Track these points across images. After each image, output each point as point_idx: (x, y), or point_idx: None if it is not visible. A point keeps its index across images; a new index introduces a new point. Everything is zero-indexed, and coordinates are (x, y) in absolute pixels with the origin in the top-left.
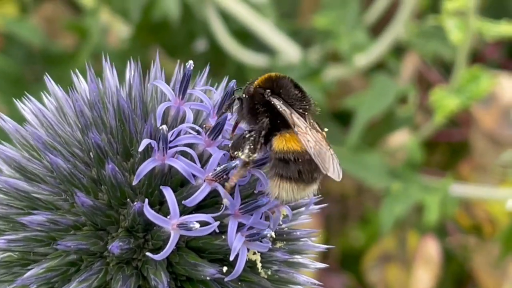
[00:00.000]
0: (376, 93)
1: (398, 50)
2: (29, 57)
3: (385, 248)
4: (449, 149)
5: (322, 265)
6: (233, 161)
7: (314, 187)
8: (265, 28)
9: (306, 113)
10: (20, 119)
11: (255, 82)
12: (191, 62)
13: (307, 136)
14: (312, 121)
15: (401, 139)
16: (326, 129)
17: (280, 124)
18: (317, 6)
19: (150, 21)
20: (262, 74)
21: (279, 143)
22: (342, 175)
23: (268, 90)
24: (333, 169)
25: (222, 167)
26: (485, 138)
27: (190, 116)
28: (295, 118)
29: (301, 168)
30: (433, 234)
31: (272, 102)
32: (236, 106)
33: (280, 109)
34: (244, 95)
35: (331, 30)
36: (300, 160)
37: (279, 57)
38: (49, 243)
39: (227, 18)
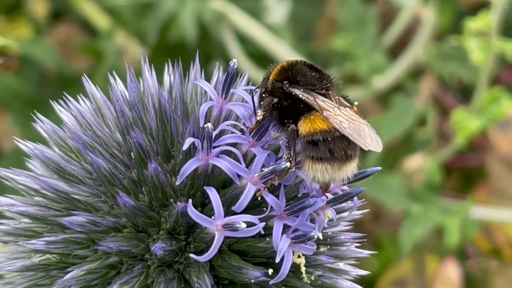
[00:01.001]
0: (395, 115)
1: (416, 73)
2: (43, 79)
3: (401, 272)
4: (462, 175)
5: (364, 272)
6: (282, 162)
7: (353, 165)
8: (282, 50)
9: (330, 91)
10: (38, 140)
11: (270, 77)
12: (235, 60)
13: (338, 118)
14: (338, 96)
15: (417, 163)
16: (356, 103)
17: (303, 108)
18: (333, 28)
19: (167, 42)
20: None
21: (305, 126)
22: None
23: (286, 82)
24: (371, 140)
25: (270, 168)
26: (502, 163)
27: (239, 113)
28: (320, 102)
29: (331, 146)
30: (453, 257)
31: (293, 93)
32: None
33: (303, 97)
34: (263, 93)
35: (349, 52)
36: (329, 138)
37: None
38: (89, 245)
39: (244, 40)
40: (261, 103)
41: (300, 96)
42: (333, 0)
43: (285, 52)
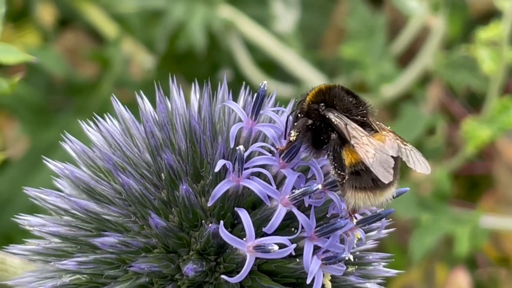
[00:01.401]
0: (405, 124)
1: (425, 81)
2: (50, 86)
3: (409, 280)
4: (468, 182)
5: None
6: (314, 184)
7: (392, 190)
8: (290, 58)
9: (366, 118)
10: (47, 147)
11: (307, 99)
12: (265, 82)
13: (365, 147)
14: (378, 122)
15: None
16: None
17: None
18: (341, 37)
19: (175, 51)
20: (286, 104)
21: (348, 157)
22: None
23: (322, 104)
24: (419, 164)
25: (301, 190)
26: (509, 170)
27: (270, 134)
28: (350, 129)
29: (374, 175)
30: (462, 266)
31: (327, 116)
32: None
33: (335, 122)
34: (299, 114)
35: (357, 60)
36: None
37: (305, 88)
38: (119, 265)
39: (252, 49)
40: (295, 124)
41: (332, 120)
42: (341, 9)
43: (293, 61)
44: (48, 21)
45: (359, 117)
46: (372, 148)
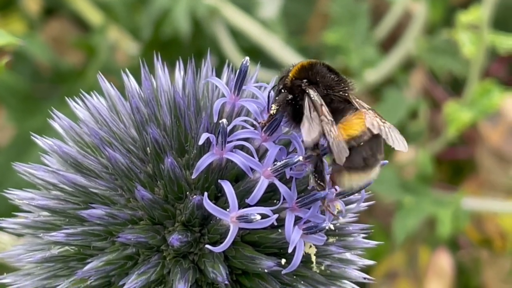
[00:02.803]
0: (387, 108)
1: (408, 66)
2: (36, 74)
3: (393, 265)
4: (452, 167)
5: (370, 262)
6: (295, 156)
7: (378, 168)
8: (275, 44)
9: (347, 95)
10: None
11: (290, 75)
12: (247, 58)
13: (327, 126)
14: (358, 100)
15: (407, 155)
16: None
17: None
18: (325, 23)
19: (160, 38)
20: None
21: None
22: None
23: (305, 80)
24: (397, 143)
25: (283, 162)
26: (492, 155)
27: (252, 109)
28: (324, 109)
29: (364, 154)
30: (445, 247)
31: (307, 91)
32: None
33: (313, 98)
34: (282, 89)
35: (340, 46)
36: (361, 143)
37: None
38: (106, 237)
39: (237, 35)
40: (276, 98)
41: (311, 96)
42: None
43: (277, 47)
44: (34, 10)
45: (341, 93)
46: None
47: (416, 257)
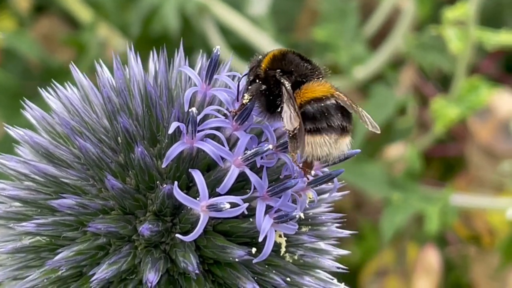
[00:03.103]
0: (375, 104)
1: (397, 63)
2: (26, 72)
3: (383, 262)
4: (442, 164)
5: (345, 252)
6: (265, 145)
7: (347, 139)
8: (264, 41)
9: (321, 79)
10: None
11: (263, 65)
12: (218, 47)
13: (288, 114)
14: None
15: (397, 151)
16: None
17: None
18: (314, 19)
19: (149, 34)
20: None
21: (298, 99)
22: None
23: (279, 70)
24: (370, 125)
25: (253, 150)
26: (481, 152)
27: (223, 98)
28: (290, 105)
29: (327, 115)
30: (433, 244)
31: (282, 81)
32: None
33: (285, 90)
34: (256, 80)
35: (329, 42)
36: (322, 105)
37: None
38: (78, 227)
39: (226, 32)
40: (249, 87)
41: (286, 86)
42: None
43: (267, 43)
44: (24, 7)
45: (315, 79)
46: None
47: (405, 253)
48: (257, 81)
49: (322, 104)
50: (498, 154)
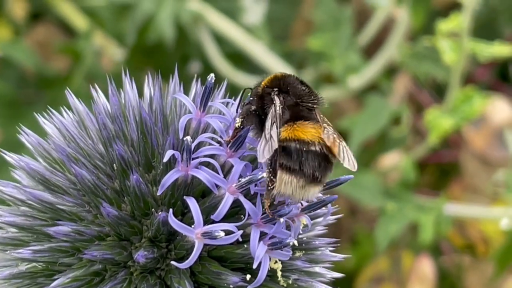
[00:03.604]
0: (370, 114)
1: (391, 72)
2: (22, 80)
3: (378, 269)
4: (437, 171)
5: (339, 275)
6: (259, 173)
7: (316, 189)
8: (259, 50)
9: (315, 108)
10: (19, 140)
11: (262, 83)
12: (212, 75)
13: (273, 131)
14: (321, 115)
15: (392, 160)
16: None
17: (292, 119)
18: (308, 28)
19: (144, 43)
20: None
21: (286, 131)
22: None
23: (276, 89)
24: (348, 160)
25: (247, 178)
26: (476, 159)
27: (216, 126)
28: (278, 117)
29: (303, 160)
30: (427, 253)
31: (273, 100)
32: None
33: (274, 107)
34: (252, 98)
35: (324, 52)
36: (304, 149)
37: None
38: (74, 253)
39: (221, 41)
40: (240, 111)
41: (276, 103)
42: (309, 1)
43: (261, 52)
44: (19, 15)
45: (309, 104)
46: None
47: (399, 262)
48: (254, 98)
49: (305, 149)
50: (492, 162)
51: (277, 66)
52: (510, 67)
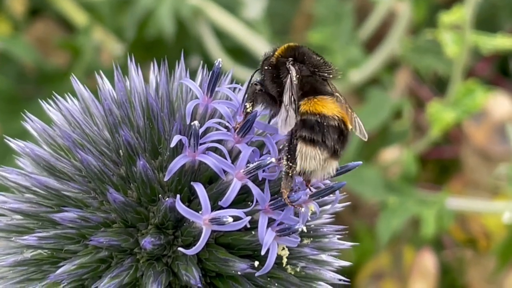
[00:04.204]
0: (372, 108)
1: (392, 65)
2: (21, 75)
3: (379, 265)
4: (438, 166)
5: (346, 263)
6: (267, 158)
7: (335, 163)
8: (259, 44)
9: (329, 78)
10: (18, 136)
11: (276, 53)
12: (219, 60)
13: (287, 106)
14: (334, 86)
15: (393, 155)
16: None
17: (307, 92)
18: (309, 22)
19: (144, 38)
20: None
21: (306, 105)
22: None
23: (291, 58)
24: (359, 131)
25: (255, 163)
26: (477, 154)
27: (223, 111)
28: (291, 93)
29: (325, 132)
30: (429, 247)
31: (289, 70)
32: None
33: (290, 77)
34: (266, 67)
35: (325, 46)
36: (325, 123)
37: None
38: (79, 240)
39: (221, 35)
40: (247, 95)
41: (290, 75)
42: None
43: (262, 47)
44: (18, 11)
45: (325, 74)
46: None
47: (401, 257)
48: (268, 67)
49: (325, 122)
50: (493, 156)
51: None
52: (510, 61)
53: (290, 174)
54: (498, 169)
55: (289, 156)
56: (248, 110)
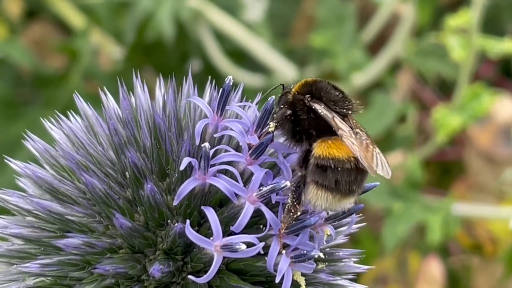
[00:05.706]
0: (376, 113)
1: (396, 68)
2: (18, 79)
3: (382, 269)
4: (440, 168)
5: (362, 287)
6: (281, 181)
7: (351, 199)
8: (260, 47)
9: (350, 113)
10: (15, 140)
11: (293, 90)
12: (230, 77)
13: (351, 139)
14: (355, 121)
15: (396, 159)
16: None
17: (323, 132)
18: (310, 25)
19: (144, 41)
20: (256, 94)
21: (320, 148)
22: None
23: (308, 95)
24: (381, 167)
25: (269, 187)
26: (481, 157)
27: (235, 129)
28: (337, 121)
29: (339, 178)
30: (435, 254)
31: (313, 107)
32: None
33: (322, 113)
34: (281, 106)
35: (327, 49)
36: (339, 168)
37: (275, 77)
38: (84, 267)
39: (222, 38)
40: (275, 115)
41: (319, 111)
42: None
43: (263, 50)
44: (15, 13)
45: (344, 110)
46: (357, 142)
47: (406, 263)
48: (285, 105)
49: (339, 167)
50: (497, 159)
51: (278, 63)
52: None
53: (292, 213)
54: (504, 174)
55: (295, 196)
56: (271, 130)
